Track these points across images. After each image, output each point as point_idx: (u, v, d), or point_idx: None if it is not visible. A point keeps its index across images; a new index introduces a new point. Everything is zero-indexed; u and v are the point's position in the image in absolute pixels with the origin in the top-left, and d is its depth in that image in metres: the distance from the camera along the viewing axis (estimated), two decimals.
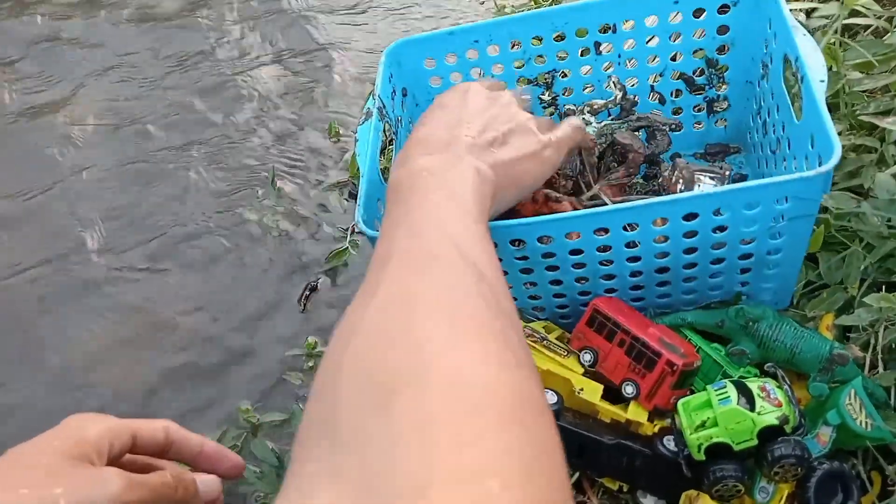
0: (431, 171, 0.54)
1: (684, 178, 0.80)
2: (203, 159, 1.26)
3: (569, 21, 0.85)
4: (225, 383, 0.94)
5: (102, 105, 1.40)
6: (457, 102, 0.64)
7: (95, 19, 1.60)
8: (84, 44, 1.54)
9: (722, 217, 0.63)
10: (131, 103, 1.39)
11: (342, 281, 1.03)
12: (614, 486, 0.68)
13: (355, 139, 0.77)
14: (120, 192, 1.23)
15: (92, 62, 1.49)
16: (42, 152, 1.32)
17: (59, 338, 1.04)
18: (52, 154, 1.31)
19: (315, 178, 1.19)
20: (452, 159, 0.56)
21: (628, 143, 0.81)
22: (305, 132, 1.28)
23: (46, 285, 1.10)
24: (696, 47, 0.87)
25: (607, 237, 0.66)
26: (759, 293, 0.74)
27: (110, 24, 1.58)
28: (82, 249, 1.14)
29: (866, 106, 0.82)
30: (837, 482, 0.60)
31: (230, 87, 1.39)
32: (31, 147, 1.34)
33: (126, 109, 1.38)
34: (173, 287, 1.08)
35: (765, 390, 0.61)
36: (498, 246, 0.68)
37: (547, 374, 0.70)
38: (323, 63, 1.41)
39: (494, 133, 0.60)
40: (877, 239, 0.73)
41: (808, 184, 0.59)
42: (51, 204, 1.22)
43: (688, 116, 0.92)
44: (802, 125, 0.67)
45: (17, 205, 1.23)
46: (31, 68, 1.49)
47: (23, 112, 1.40)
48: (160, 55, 1.49)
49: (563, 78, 0.92)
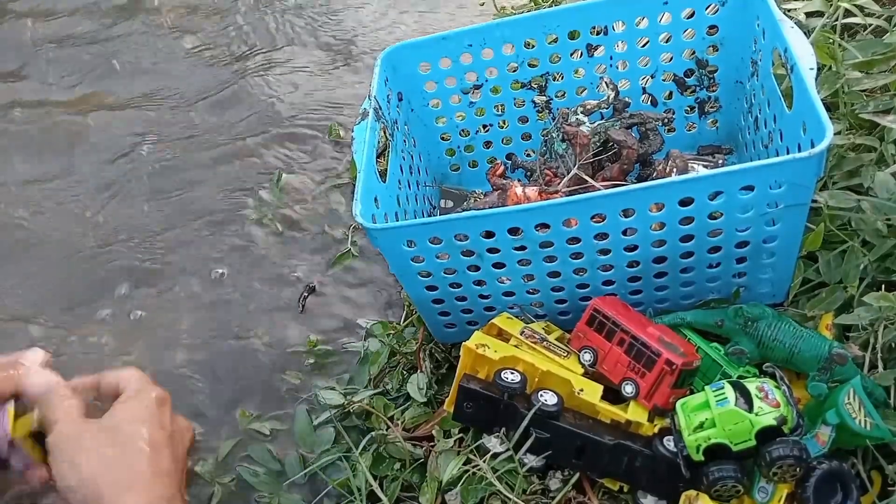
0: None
1: (678, 167, 0.80)
2: (203, 159, 1.27)
3: (561, 24, 0.86)
4: (224, 383, 0.94)
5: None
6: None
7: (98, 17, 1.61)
8: (93, 40, 1.56)
9: (717, 202, 0.64)
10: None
11: (341, 282, 1.04)
12: (614, 487, 0.68)
13: (352, 138, 0.77)
14: (120, 193, 1.24)
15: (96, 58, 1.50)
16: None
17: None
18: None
19: (315, 179, 1.19)
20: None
21: (622, 140, 0.82)
22: (306, 133, 1.28)
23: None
24: (686, 48, 0.87)
25: (604, 224, 0.66)
26: (756, 285, 0.75)
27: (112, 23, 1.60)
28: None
29: (865, 105, 0.82)
30: (837, 482, 0.60)
31: (232, 88, 1.40)
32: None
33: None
34: (173, 287, 1.08)
35: (763, 391, 0.61)
36: (496, 235, 0.68)
37: (547, 374, 0.70)
38: (326, 64, 1.41)
39: None
40: (876, 237, 0.73)
41: (802, 165, 0.60)
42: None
43: (680, 118, 0.93)
44: (794, 115, 0.68)
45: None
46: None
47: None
48: (161, 55, 1.50)
49: (556, 81, 0.92)
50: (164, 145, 1.31)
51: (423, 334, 0.87)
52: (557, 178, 0.86)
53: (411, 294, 0.79)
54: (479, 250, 0.70)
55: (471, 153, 1.00)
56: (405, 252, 0.71)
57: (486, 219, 0.67)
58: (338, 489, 0.77)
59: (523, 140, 0.98)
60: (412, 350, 0.87)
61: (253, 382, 0.94)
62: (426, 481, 0.72)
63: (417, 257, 0.72)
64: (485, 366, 0.71)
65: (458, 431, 0.74)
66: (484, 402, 0.69)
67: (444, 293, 0.77)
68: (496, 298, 0.77)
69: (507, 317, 0.77)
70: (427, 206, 0.96)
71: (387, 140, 0.85)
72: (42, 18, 1.64)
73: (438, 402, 0.81)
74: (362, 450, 0.77)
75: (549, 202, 0.66)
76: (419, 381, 0.82)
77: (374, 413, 0.81)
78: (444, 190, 1.01)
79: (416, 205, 0.91)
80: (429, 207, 0.97)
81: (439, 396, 0.82)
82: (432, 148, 0.99)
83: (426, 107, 0.95)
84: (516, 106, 0.95)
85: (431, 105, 0.95)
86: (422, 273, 0.74)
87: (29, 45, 1.58)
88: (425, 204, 0.96)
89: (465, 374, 0.71)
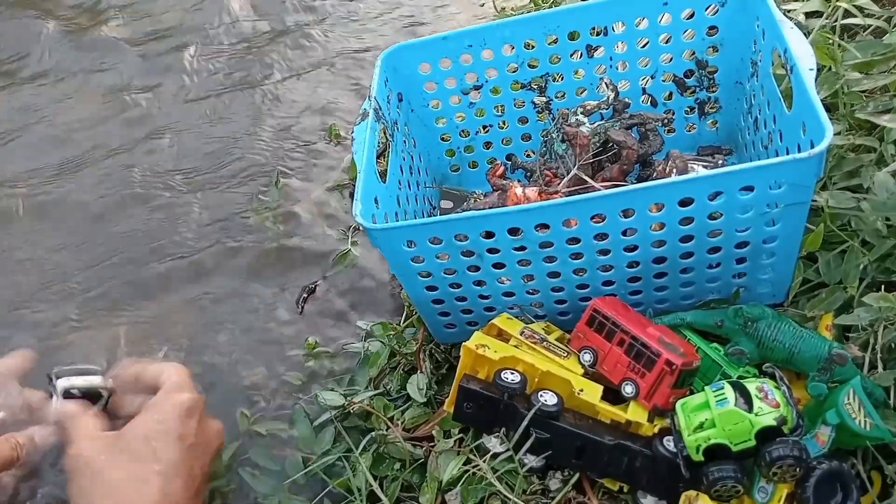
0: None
1: (678, 167, 0.80)
2: (203, 159, 1.27)
3: (561, 24, 0.86)
4: (224, 384, 0.94)
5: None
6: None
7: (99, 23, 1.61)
8: (85, 38, 1.56)
9: (717, 203, 0.64)
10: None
11: (341, 283, 1.04)
12: (614, 487, 0.68)
13: (352, 138, 0.77)
14: (119, 196, 1.24)
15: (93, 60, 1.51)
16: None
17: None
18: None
19: (315, 180, 1.19)
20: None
21: (622, 140, 0.82)
22: (306, 134, 1.28)
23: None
24: (686, 49, 0.87)
25: (604, 224, 0.66)
26: (756, 286, 0.75)
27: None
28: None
29: (865, 105, 0.82)
30: (836, 482, 0.60)
31: (232, 89, 1.40)
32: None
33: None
34: (171, 287, 1.08)
35: (762, 391, 0.61)
36: (496, 235, 0.68)
37: (547, 374, 0.70)
38: (326, 64, 1.42)
39: None
40: (876, 237, 0.73)
41: (802, 166, 0.60)
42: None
43: (679, 119, 0.93)
44: (793, 115, 0.68)
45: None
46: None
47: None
48: (161, 54, 1.50)
49: (556, 82, 0.93)
50: (164, 145, 1.31)
51: (423, 335, 0.87)
52: (557, 179, 0.86)
53: (411, 294, 0.79)
54: (479, 250, 0.70)
55: (471, 154, 1.00)
56: (405, 252, 0.71)
57: (486, 219, 0.67)
58: (338, 489, 0.77)
59: (523, 141, 0.98)
60: (412, 351, 0.87)
61: (253, 384, 0.93)
62: (426, 481, 0.72)
63: (417, 257, 0.72)
64: (485, 366, 0.71)
65: (458, 431, 0.74)
66: (484, 403, 0.69)
67: (444, 293, 0.77)
68: (496, 299, 0.77)
69: (507, 317, 0.77)
70: (427, 207, 0.97)
71: (387, 140, 0.85)
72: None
73: (438, 403, 0.81)
74: (362, 450, 0.77)
75: (549, 202, 0.66)
76: (419, 382, 0.82)
77: (374, 413, 0.81)
78: (444, 190, 1.01)
79: (416, 205, 0.92)
80: (429, 208, 0.97)
81: (439, 397, 0.82)
82: (432, 148, 0.99)
83: (426, 107, 0.95)
84: (516, 107, 0.95)
85: (431, 106, 0.95)
86: (422, 273, 0.74)
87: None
88: (425, 204, 0.96)
89: (465, 375, 0.71)
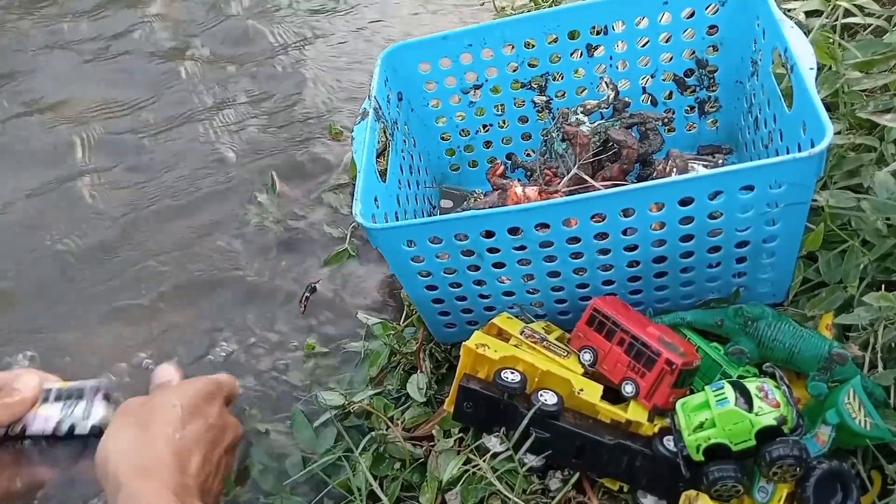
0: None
1: (678, 167, 0.80)
2: (204, 159, 1.27)
3: (561, 23, 0.86)
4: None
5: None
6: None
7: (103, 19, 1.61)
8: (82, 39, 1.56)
9: (717, 202, 0.64)
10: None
11: (341, 282, 1.03)
12: (614, 487, 0.68)
13: (352, 137, 0.77)
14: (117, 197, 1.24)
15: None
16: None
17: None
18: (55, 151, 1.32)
19: (315, 179, 1.19)
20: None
21: (622, 140, 0.82)
22: (306, 133, 1.28)
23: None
24: (686, 48, 0.87)
25: (604, 224, 0.66)
26: (756, 285, 0.75)
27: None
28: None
29: (865, 105, 0.82)
30: (837, 481, 0.60)
31: (232, 88, 1.40)
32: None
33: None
34: (171, 288, 1.08)
35: (763, 391, 0.61)
36: (496, 235, 0.68)
37: (547, 374, 0.70)
38: (326, 63, 1.41)
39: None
40: (876, 237, 0.73)
41: (802, 165, 0.60)
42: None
43: (679, 118, 0.93)
44: (794, 114, 0.68)
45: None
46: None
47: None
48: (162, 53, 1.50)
49: (556, 81, 0.92)
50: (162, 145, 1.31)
51: (423, 334, 0.87)
52: (557, 178, 0.86)
53: (411, 294, 0.79)
54: (479, 250, 0.70)
55: (471, 153, 1.00)
56: (405, 252, 0.71)
57: (486, 218, 0.67)
58: (338, 489, 0.77)
59: (523, 140, 0.98)
60: (412, 350, 0.87)
61: (253, 383, 0.93)
62: (426, 481, 0.72)
63: (417, 257, 0.72)
64: (485, 366, 0.71)
65: (458, 431, 0.74)
66: (484, 402, 0.69)
67: (444, 293, 0.77)
68: (496, 298, 0.77)
69: (507, 317, 0.77)
70: (427, 206, 0.97)
71: (387, 140, 0.85)
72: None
73: (438, 402, 0.81)
74: (362, 450, 0.77)
75: (549, 202, 0.66)
76: (419, 382, 0.82)
77: (374, 413, 0.81)
78: (444, 190, 1.01)
79: (415, 205, 0.91)
80: (429, 207, 0.97)
81: (439, 396, 0.82)
82: (432, 148, 0.99)
83: (426, 107, 0.95)
84: (516, 106, 0.95)
85: (431, 105, 0.95)
86: (422, 273, 0.74)
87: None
88: (425, 204, 0.96)
89: (465, 374, 0.71)
